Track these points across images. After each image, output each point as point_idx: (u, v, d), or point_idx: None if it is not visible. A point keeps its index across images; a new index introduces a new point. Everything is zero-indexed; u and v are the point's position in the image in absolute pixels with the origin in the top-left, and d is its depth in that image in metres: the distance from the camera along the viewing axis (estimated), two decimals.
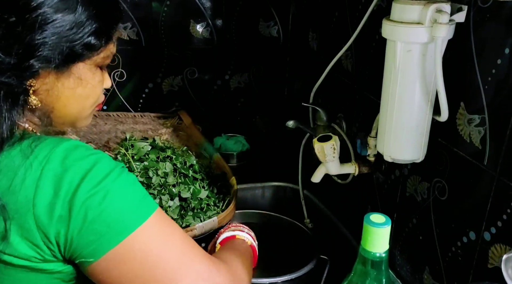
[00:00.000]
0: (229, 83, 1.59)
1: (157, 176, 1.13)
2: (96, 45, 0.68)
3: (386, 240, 0.64)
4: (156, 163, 1.16)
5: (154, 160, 1.17)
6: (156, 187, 1.10)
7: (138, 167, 1.14)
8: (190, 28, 1.48)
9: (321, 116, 1.19)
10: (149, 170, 1.13)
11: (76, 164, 0.62)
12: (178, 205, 1.08)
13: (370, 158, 1.06)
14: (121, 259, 0.62)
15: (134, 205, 0.64)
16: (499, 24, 0.71)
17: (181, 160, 1.19)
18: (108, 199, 0.62)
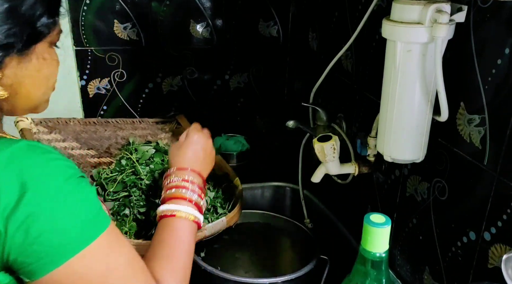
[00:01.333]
0: (229, 83, 1.59)
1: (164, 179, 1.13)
2: (50, 23, 0.67)
3: (386, 240, 0.64)
4: (162, 165, 1.16)
5: (159, 163, 1.17)
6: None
7: (143, 170, 1.14)
8: (190, 28, 1.48)
9: (321, 116, 1.19)
10: (155, 172, 1.13)
11: (23, 172, 0.57)
12: None
13: (370, 158, 1.06)
14: (61, 281, 0.59)
15: (81, 225, 0.60)
16: (499, 24, 0.71)
17: None
18: (53, 218, 0.57)
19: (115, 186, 1.12)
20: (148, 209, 1.06)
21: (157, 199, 1.04)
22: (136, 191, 1.11)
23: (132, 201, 1.09)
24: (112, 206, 1.09)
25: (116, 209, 1.08)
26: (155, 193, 1.08)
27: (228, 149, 1.55)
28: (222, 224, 1.01)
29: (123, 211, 1.07)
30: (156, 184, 1.10)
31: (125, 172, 1.15)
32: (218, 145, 1.56)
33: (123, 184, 1.13)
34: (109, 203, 1.09)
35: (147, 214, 1.06)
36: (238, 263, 1.27)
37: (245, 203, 1.31)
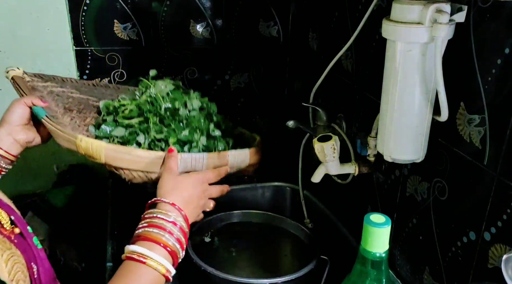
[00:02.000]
0: (229, 83, 1.59)
1: (184, 108, 1.05)
2: None
3: (386, 240, 0.64)
4: (182, 97, 1.07)
5: (180, 98, 1.08)
6: (183, 119, 1.02)
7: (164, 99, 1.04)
8: (190, 28, 1.48)
9: (321, 116, 1.19)
10: (177, 101, 1.04)
11: None
12: (205, 143, 1.01)
13: (370, 158, 1.06)
14: None
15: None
16: (499, 24, 0.71)
17: (206, 100, 1.13)
18: None
19: (129, 111, 1.01)
20: (166, 137, 0.97)
21: (178, 125, 0.98)
22: (153, 117, 1.00)
23: (149, 126, 0.98)
24: (123, 133, 0.99)
25: (127, 137, 0.98)
26: (176, 119, 1.00)
27: None
28: (245, 155, 0.96)
29: (137, 138, 0.97)
30: (174, 113, 1.01)
31: (139, 99, 1.05)
32: None
33: (139, 110, 1.02)
34: (120, 129, 0.99)
35: (165, 141, 0.97)
36: (238, 264, 1.27)
37: (242, 203, 1.29)
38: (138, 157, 0.90)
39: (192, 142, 0.98)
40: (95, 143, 0.89)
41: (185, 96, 1.09)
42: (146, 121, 1.00)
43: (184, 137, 0.97)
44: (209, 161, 0.94)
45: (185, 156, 0.91)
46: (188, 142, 0.97)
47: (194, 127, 1.01)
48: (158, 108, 1.02)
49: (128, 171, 0.91)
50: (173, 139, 0.96)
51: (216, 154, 0.96)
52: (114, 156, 0.89)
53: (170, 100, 1.04)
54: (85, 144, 0.89)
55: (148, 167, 0.91)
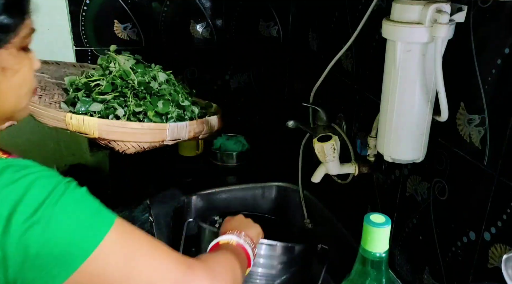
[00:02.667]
0: (229, 83, 1.59)
1: (155, 81, 1.12)
2: (10, 24, 0.57)
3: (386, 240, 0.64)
4: (150, 71, 1.13)
5: (148, 72, 1.14)
6: (155, 93, 1.09)
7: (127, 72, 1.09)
8: (190, 28, 1.48)
9: (321, 116, 1.19)
10: (146, 75, 1.10)
11: (4, 192, 0.53)
12: (176, 113, 1.10)
13: (370, 158, 1.07)
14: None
15: (84, 226, 0.56)
16: (499, 24, 0.71)
17: (169, 73, 1.20)
18: (51, 227, 0.54)
19: (104, 87, 1.06)
20: (144, 110, 1.04)
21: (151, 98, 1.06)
22: (128, 92, 1.06)
23: (128, 100, 1.05)
24: (100, 108, 1.04)
25: (105, 112, 1.03)
26: (149, 92, 1.07)
27: (228, 149, 1.55)
28: (215, 121, 1.10)
29: (115, 112, 1.03)
30: (147, 86, 1.08)
31: (110, 75, 1.09)
32: (218, 145, 1.56)
33: (113, 85, 1.07)
34: (96, 105, 1.04)
35: (144, 114, 1.05)
36: None
37: (242, 203, 1.34)
38: (132, 129, 0.98)
39: (168, 113, 1.07)
40: (87, 119, 0.96)
41: (150, 70, 1.16)
42: (122, 96, 1.06)
43: (161, 110, 1.05)
44: (190, 128, 1.06)
45: (172, 125, 1.02)
46: (165, 113, 1.06)
47: (167, 99, 1.09)
48: (132, 83, 1.07)
49: (122, 142, 0.99)
50: (152, 112, 1.04)
51: (195, 122, 1.08)
52: (108, 130, 0.96)
53: (141, 74, 1.10)
54: (75, 121, 0.95)
55: (140, 137, 0.99)
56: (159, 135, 1.00)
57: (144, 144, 1.01)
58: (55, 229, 0.54)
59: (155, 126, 1.01)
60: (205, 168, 1.52)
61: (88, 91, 1.07)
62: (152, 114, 1.04)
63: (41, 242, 0.53)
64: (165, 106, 1.07)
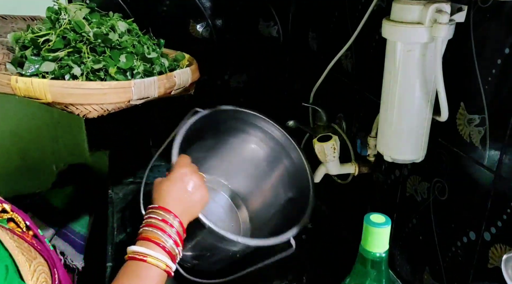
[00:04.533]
0: (229, 83, 1.59)
1: (114, 33, 0.97)
2: None
3: (386, 240, 0.64)
4: (107, 21, 0.99)
5: (104, 21, 0.99)
6: (115, 46, 0.95)
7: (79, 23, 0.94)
8: (190, 28, 1.48)
9: (321, 116, 1.19)
10: (104, 25, 0.96)
11: None
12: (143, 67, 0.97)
13: (370, 158, 1.07)
14: None
15: None
16: (499, 24, 0.71)
17: (130, 22, 1.05)
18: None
19: (54, 43, 0.91)
20: (105, 66, 0.91)
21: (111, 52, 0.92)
22: (84, 47, 0.92)
23: (84, 57, 0.90)
24: (53, 68, 0.89)
25: (59, 72, 0.89)
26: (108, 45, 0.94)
27: None
28: (188, 74, 0.98)
29: (71, 70, 0.89)
30: (106, 38, 0.94)
31: (60, 28, 0.93)
32: None
33: (65, 40, 0.92)
34: (48, 64, 0.89)
35: (105, 70, 0.92)
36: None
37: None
38: (90, 89, 0.84)
39: (134, 69, 0.94)
40: (36, 80, 0.81)
41: (107, 19, 1.02)
42: (77, 52, 0.92)
43: (124, 65, 0.92)
44: (160, 83, 0.93)
45: (138, 82, 0.89)
46: (129, 69, 0.93)
47: (130, 52, 0.96)
48: (86, 36, 0.93)
49: (81, 106, 0.85)
50: (114, 69, 0.91)
51: (165, 76, 0.94)
52: (62, 93, 0.82)
53: (96, 25, 0.96)
54: (23, 84, 0.81)
55: (102, 98, 0.86)
56: (124, 94, 0.87)
57: (108, 106, 0.87)
58: None
59: (117, 84, 0.87)
60: None
61: (37, 49, 0.91)
62: (114, 70, 0.90)
63: None
64: (128, 60, 0.93)
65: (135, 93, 0.88)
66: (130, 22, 1.06)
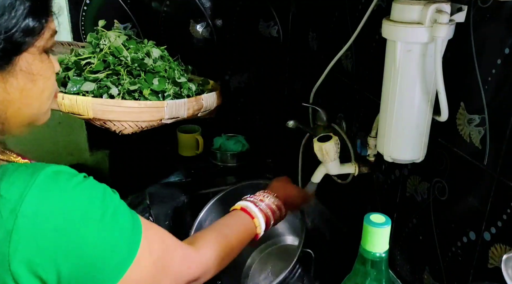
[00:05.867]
0: (229, 83, 1.59)
1: (148, 58, 1.07)
2: (35, 27, 0.56)
3: (386, 240, 0.64)
4: (142, 47, 1.09)
5: (140, 48, 1.09)
6: (149, 70, 1.04)
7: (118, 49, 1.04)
8: (190, 28, 1.48)
9: (321, 116, 1.19)
10: (140, 51, 1.05)
11: (58, 207, 0.55)
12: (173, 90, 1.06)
13: (370, 158, 1.06)
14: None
15: (126, 239, 0.61)
16: (499, 24, 0.71)
17: (163, 49, 1.15)
18: (103, 244, 0.58)
19: (95, 65, 1.01)
20: (139, 88, 1.00)
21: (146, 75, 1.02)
22: (122, 70, 1.01)
23: (121, 78, 0.99)
24: (93, 87, 0.99)
25: (98, 91, 0.98)
26: (143, 69, 1.03)
27: (228, 149, 1.55)
28: (214, 97, 1.08)
29: (109, 91, 0.98)
30: (141, 63, 1.03)
31: (101, 53, 1.03)
32: (218, 145, 1.56)
33: (104, 63, 1.02)
34: (88, 84, 0.99)
35: (139, 92, 1.00)
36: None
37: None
38: (128, 108, 0.94)
39: (165, 91, 1.03)
40: (80, 98, 0.91)
41: (143, 46, 1.11)
42: (115, 74, 1.01)
43: (157, 87, 1.01)
44: (189, 105, 1.03)
45: (170, 103, 0.99)
46: (161, 91, 1.02)
47: (162, 76, 1.05)
48: (124, 60, 1.02)
49: (118, 122, 0.95)
50: (147, 90, 1.00)
51: (194, 99, 1.05)
52: (103, 110, 0.92)
53: (134, 51, 1.05)
54: (68, 101, 0.90)
55: (138, 116, 0.96)
56: (157, 113, 0.97)
57: (142, 123, 0.97)
58: (106, 245, 0.59)
59: (152, 104, 0.97)
60: (204, 168, 1.52)
61: (79, 70, 1.01)
62: (148, 92, 0.99)
63: (94, 258, 0.58)
64: (161, 83, 1.02)
65: (167, 113, 0.98)
66: (163, 49, 1.16)
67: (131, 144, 1.58)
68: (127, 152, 1.56)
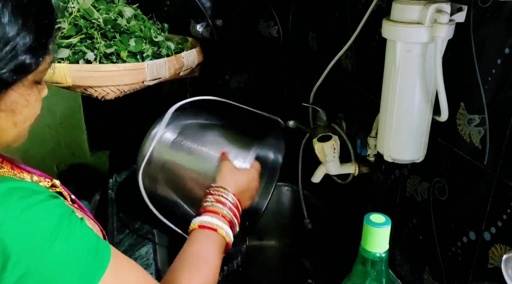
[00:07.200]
0: (229, 83, 1.59)
1: (121, 18, 1.01)
2: (32, 64, 0.52)
3: (386, 240, 0.64)
4: (114, 8, 1.03)
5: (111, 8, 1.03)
6: (124, 31, 1.00)
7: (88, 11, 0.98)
8: (190, 28, 1.48)
9: (321, 116, 1.19)
10: (111, 11, 1.00)
11: (5, 227, 0.50)
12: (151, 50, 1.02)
13: (370, 158, 1.07)
14: None
15: (83, 268, 0.55)
16: (499, 24, 0.71)
17: (135, 7, 1.10)
18: (47, 276, 0.52)
19: (67, 30, 0.95)
20: (116, 50, 0.96)
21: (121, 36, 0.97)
22: (96, 33, 0.97)
23: (96, 42, 0.95)
24: (67, 54, 0.94)
25: (74, 57, 0.93)
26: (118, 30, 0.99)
27: None
28: (194, 55, 1.06)
29: (85, 56, 0.93)
30: (115, 23, 0.98)
31: (71, 16, 0.98)
32: None
33: (76, 27, 0.97)
34: (62, 50, 0.94)
35: (116, 54, 0.96)
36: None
37: None
38: (107, 71, 0.91)
39: (143, 52, 0.99)
40: (57, 66, 0.88)
41: (114, 6, 1.06)
42: (89, 37, 0.97)
43: (134, 48, 0.98)
44: (170, 64, 1.00)
45: (150, 63, 0.95)
46: (139, 52, 0.99)
47: (138, 36, 1.01)
48: (97, 22, 0.98)
49: (99, 88, 0.92)
50: (125, 52, 0.96)
51: (174, 57, 1.02)
52: (81, 76, 0.89)
53: (105, 12, 1.00)
54: None
55: (119, 80, 0.93)
56: (138, 75, 0.94)
57: (124, 87, 0.94)
58: (50, 278, 0.53)
59: (132, 66, 0.94)
60: None
61: None
62: (125, 54, 0.96)
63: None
64: (137, 44, 0.98)
65: (148, 74, 0.95)
66: (135, 7, 1.10)
67: (131, 144, 1.57)
68: (128, 152, 1.56)
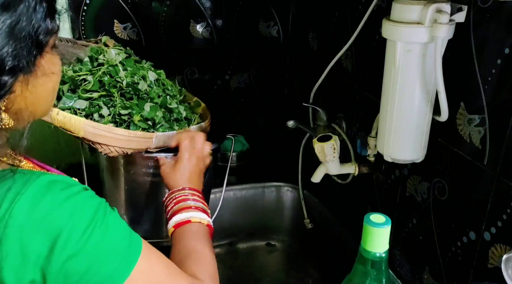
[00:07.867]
0: (229, 83, 1.59)
1: (144, 82, 1.07)
2: (54, 26, 0.58)
3: (386, 240, 0.64)
4: (139, 70, 1.09)
5: (137, 70, 1.09)
6: (142, 95, 1.05)
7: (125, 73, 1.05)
8: (190, 28, 1.48)
9: (321, 116, 1.19)
10: (136, 74, 1.06)
11: (48, 217, 0.54)
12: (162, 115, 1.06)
13: (370, 158, 1.07)
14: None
15: (120, 254, 0.60)
16: (499, 24, 0.71)
17: (159, 72, 1.15)
18: (91, 256, 0.57)
19: (92, 85, 1.02)
20: (129, 113, 1.01)
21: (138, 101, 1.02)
22: (116, 92, 1.03)
23: (114, 100, 1.01)
24: (85, 106, 1.00)
25: (90, 110, 1.00)
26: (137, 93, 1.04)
27: (228, 149, 1.55)
28: (202, 128, 1.07)
29: (99, 110, 1.00)
30: (135, 87, 1.04)
31: (99, 72, 1.04)
32: None
33: (100, 83, 1.03)
34: (81, 102, 1.00)
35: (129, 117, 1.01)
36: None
37: (242, 203, 1.31)
38: (117, 134, 0.95)
39: (155, 118, 1.04)
40: (74, 118, 0.93)
41: (140, 68, 1.11)
42: (109, 95, 1.02)
43: (147, 114, 1.02)
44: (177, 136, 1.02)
45: (159, 135, 1.00)
46: (151, 118, 1.03)
47: (155, 102, 1.06)
48: (120, 82, 1.04)
49: (106, 146, 0.97)
50: (137, 117, 1.01)
51: (182, 130, 1.05)
52: (93, 133, 0.94)
53: (130, 74, 1.06)
54: (62, 117, 0.92)
55: (126, 144, 0.97)
56: (145, 143, 0.99)
57: (128, 150, 0.99)
58: (94, 257, 0.57)
59: (142, 134, 0.99)
60: None
61: (74, 87, 1.03)
62: (137, 119, 1.01)
63: (81, 272, 0.56)
64: (152, 110, 1.04)
65: (154, 143, 0.99)
66: (160, 72, 1.16)
67: None
68: None
